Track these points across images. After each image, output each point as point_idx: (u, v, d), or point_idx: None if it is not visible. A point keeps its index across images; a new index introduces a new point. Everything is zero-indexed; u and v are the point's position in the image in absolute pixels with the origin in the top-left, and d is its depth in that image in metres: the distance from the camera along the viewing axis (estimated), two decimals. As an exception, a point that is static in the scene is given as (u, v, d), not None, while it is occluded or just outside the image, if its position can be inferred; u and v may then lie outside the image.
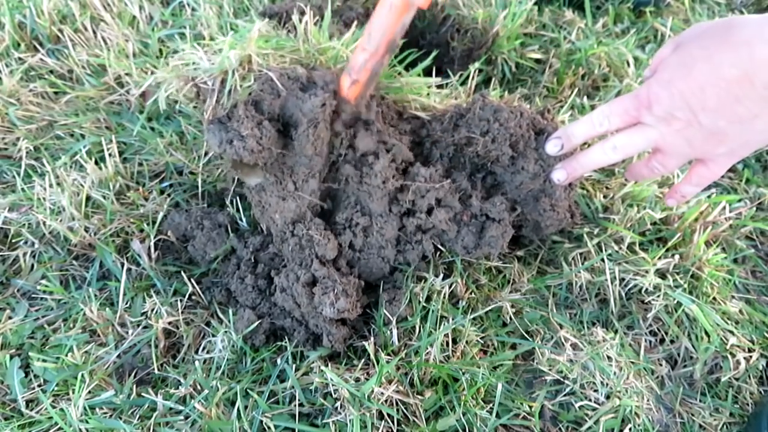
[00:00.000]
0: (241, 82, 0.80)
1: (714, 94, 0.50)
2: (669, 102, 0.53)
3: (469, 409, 0.67)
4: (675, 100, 0.52)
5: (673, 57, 0.53)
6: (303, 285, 0.70)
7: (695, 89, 0.51)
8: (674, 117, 0.54)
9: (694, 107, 0.52)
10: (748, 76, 0.47)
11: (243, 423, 0.65)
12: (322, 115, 0.70)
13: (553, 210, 0.77)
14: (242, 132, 0.67)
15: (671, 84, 0.52)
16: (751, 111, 0.50)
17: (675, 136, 0.55)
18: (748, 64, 0.47)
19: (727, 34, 0.48)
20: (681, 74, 0.51)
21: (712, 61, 0.49)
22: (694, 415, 0.74)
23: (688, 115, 0.52)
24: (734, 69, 0.48)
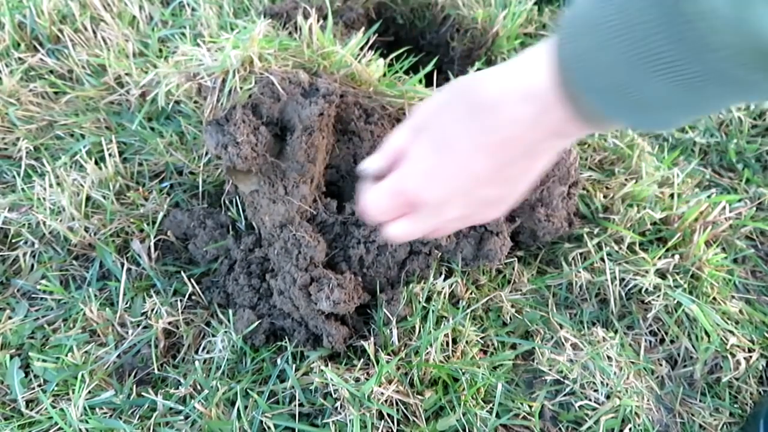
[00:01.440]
0: (242, 84, 0.80)
1: (484, 165, 0.46)
2: (440, 192, 0.48)
3: (469, 409, 0.67)
4: (446, 188, 0.48)
5: (422, 143, 0.48)
6: (300, 288, 0.70)
7: (464, 168, 0.47)
8: (449, 203, 0.50)
9: (468, 186, 0.48)
10: (510, 137, 0.44)
11: (243, 423, 0.65)
12: (318, 124, 0.70)
13: (549, 220, 0.78)
14: (237, 138, 0.67)
15: (435, 172, 0.48)
16: (521, 166, 0.47)
17: (454, 215, 0.51)
18: (508, 125, 0.43)
19: (473, 102, 0.45)
20: (441, 160, 0.47)
21: (470, 132, 0.45)
22: (694, 415, 0.74)
23: (465, 196, 0.49)
24: (495, 134, 0.44)
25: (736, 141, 1.04)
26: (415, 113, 0.51)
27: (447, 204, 0.49)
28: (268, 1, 1.08)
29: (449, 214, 0.50)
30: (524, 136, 0.43)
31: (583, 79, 0.38)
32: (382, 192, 0.48)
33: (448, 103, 0.47)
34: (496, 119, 0.43)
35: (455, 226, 0.57)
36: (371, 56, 0.88)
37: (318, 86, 0.74)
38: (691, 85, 0.34)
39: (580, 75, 0.38)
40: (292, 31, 0.96)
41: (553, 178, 0.78)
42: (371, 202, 0.50)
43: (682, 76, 0.34)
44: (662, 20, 0.32)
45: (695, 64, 0.32)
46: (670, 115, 0.38)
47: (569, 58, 0.38)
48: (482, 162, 0.45)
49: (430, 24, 1.18)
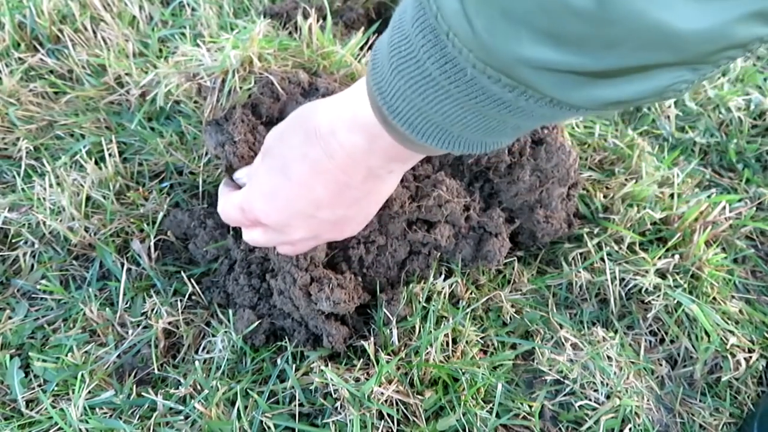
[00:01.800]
0: (242, 84, 0.80)
1: (324, 189, 0.48)
2: (280, 215, 0.51)
3: (469, 409, 0.67)
4: (285, 212, 0.50)
5: (264, 167, 0.51)
6: (300, 288, 0.70)
7: (303, 192, 0.49)
8: (291, 225, 0.52)
9: (309, 209, 0.50)
10: (347, 161, 0.46)
11: (243, 423, 0.65)
12: None
13: (548, 222, 0.78)
14: (235, 137, 0.67)
15: (275, 196, 0.50)
16: (364, 189, 0.49)
17: (300, 235, 0.54)
18: (342, 152, 0.45)
19: (309, 130, 0.47)
20: (279, 184, 0.49)
21: (308, 158, 0.47)
22: (694, 415, 0.74)
23: (307, 219, 0.51)
24: (332, 159, 0.46)
25: (736, 141, 1.04)
26: (267, 137, 0.53)
27: (289, 226, 0.52)
28: (268, 1, 1.08)
29: (294, 235, 0.52)
30: (361, 161, 0.45)
31: (388, 106, 0.38)
32: (231, 204, 0.52)
33: (289, 130, 0.49)
34: (330, 147, 0.45)
35: (308, 245, 0.61)
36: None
37: (318, 86, 0.74)
38: (467, 105, 0.34)
39: (384, 101, 0.38)
40: (292, 31, 0.96)
41: (552, 180, 0.78)
42: (222, 210, 0.54)
43: (456, 99, 0.34)
44: (429, 44, 0.32)
45: (458, 85, 0.33)
46: (477, 137, 0.38)
47: (376, 86, 0.39)
48: (320, 187, 0.47)
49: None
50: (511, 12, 0.27)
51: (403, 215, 0.75)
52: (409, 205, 0.74)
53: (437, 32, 0.31)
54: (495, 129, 0.37)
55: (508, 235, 0.78)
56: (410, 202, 0.75)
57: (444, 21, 0.30)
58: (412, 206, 0.74)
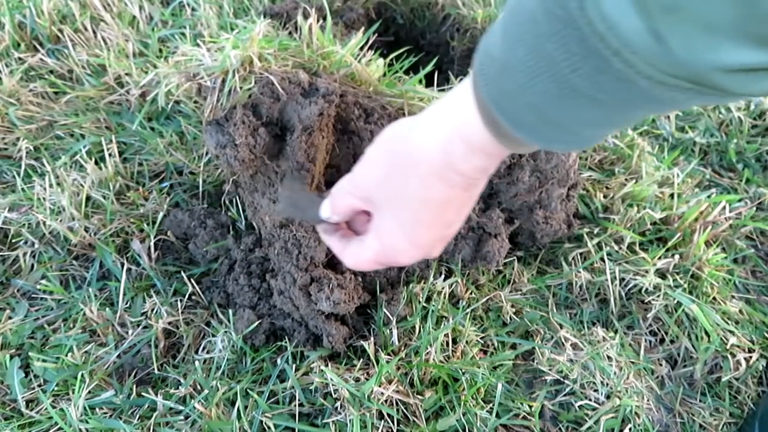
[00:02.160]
0: (242, 84, 0.80)
1: (454, 213, 0.51)
2: (420, 253, 0.53)
3: (469, 409, 0.67)
4: (425, 248, 0.53)
5: (387, 222, 0.52)
6: (300, 288, 0.70)
7: (437, 226, 0.51)
8: (422, 253, 0.55)
9: (442, 234, 0.53)
10: (468, 182, 0.47)
11: (243, 423, 0.65)
12: (318, 124, 0.70)
13: (547, 222, 0.78)
14: (236, 140, 0.67)
15: (415, 243, 0.52)
16: (461, 212, 0.52)
17: (421, 256, 0.56)
18: (463, 178, 0.47)
19: (423, 174, 0.47)
20: (415, 231, 0.51)
21: (434, 200, 0.48)
22: (694, 415, 0.74)
23: (438, 242, 0.54)
24: (454, 189, 0.48)
25: (736, 141, 1.04)
26: (358, 181, 0.53)
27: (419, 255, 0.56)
28: (268, 1, 1.08)
29: (418, 257, 0.56)
30: (480, 178, 0.48)
31: (511, 119, 0.39)
32: (366, 261, 0.55)
33: (394, 176, 0.49)
34: (451, 180, 0.47)
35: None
36: (371, 56, 0.88)
37: (318, 86, 0.74)
38: (615, 108, 0.36)
39: (507, 115, 0.39)
40: (292, 31, 0.96)
41: (552, 181, 0.78)
42: (355, 266, 0.58)
43: (606, 105, 0.35)
44: (579, 57, 0.33)
45: (618, 92, 0.34)
46: (597, 132, 0.40)
47: (494, 100, 0.39)
48: (451, 213, 0.51)
49: (430, 24, 1.18)
50: (715, 24, 0.28)
51: None
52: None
53: (592, 45, 0.32)
54: (622, 124, 0.39)
55: (507, 235, 0.78)
56: None
57: (617, 39, 0.31)
58: None
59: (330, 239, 0.60)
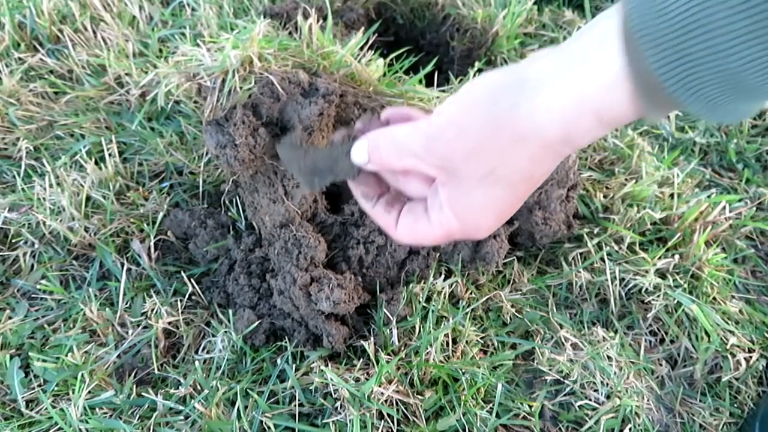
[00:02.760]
0: (242, 84, 0.80)
1: (527, 190, 0.46)
2: (491, 230, 0.49)
3: (469, 409, 0.67)
4: (503, 220, 0.49)
5: (474, 191, 0.45)
6: (300, 288, 0.70)
7: (519, 201, 0.47)
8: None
9: (508, 217, 0.48)
10: (554, 165, 0.44)
11: (243, 423, 0.65)
12: (318, 124, 0.70)
13: (546, 223, 0.78)
14: (236, 140, 0.67)
15: (499, 216, 0.47)
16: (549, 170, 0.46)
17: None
18: (573, 149, 0.42)
19: (535, 150, 0.41)
20: (506, 203, 0.45)
21: (537, 176, 0.44)
22: (694, 415, 0.74)
23: (500, 224, 0.49)
24: (558, 160, 0.44)
25: (736, 141, 1.04)
26: (435, 148, 0.44)
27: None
28: (268, 1, 1.08)
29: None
30: (575, 150, 0.45)
31: (688, 89, 0.34)
32: (433, 238, 0.51)
33: (485, 145, 0.41)
34: (562, 153, 0.41)
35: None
36: (371, 56, 0.88)
37: (318, 86, 0.74)
38: None
39: (685, 85, 0.33)
40: (292, 31, 0.96)
41: (552, 182, 0.78)
42: (415, 243, 0.55)
43: None
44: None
45: None
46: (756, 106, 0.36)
47: (666, 66, 0.33)
48: (526, 189, 0.46)
49: (430, 24, 1.18)
50: None
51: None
52: None
53: None
54: None
55: (506, 236, 0.78)
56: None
57: None
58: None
59: (375, 211, 0.53)
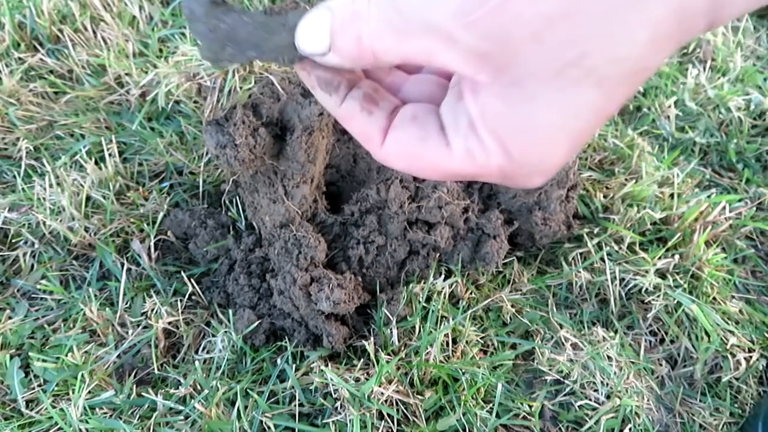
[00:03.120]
0: (242, 84, 0.80)
1: (624, 96, 0.29)
2: (551, 173, 0.34)
3: (469, 409, 0.67)
4: (557, 168, 0.33)
5: (532, 103, 0.28)
6: (300, 288, 0.70)
7: (590, 137, 0.35)
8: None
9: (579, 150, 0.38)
10: (672, 36, 0.28)
11: (243, 423, 0.65)
12: (318, 124, 0.70)
13: (546, 224, 0.78)
14: (236, 140, 0.67)
15: (560, 161, 0.31)
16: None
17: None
18: (675, 42, 0.28)
19: (624, 9, 0.25)
20: (578, 132, 0.30)
21: (637, 80, 0.29)
22: (694, 414, 0.74)
23: (562, 164, 0.36)
24: (663, 52, 0.29)
25: (736, 141, 1.04)
26: (479, 20, 0.26)
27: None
28: (268, 1, 1.08)
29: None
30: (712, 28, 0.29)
31: None
32: (456, 174, 0.32)
33: (574, 9, 0.25)
34: (683, 22, 0.26)
35: None
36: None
37: (318, 86, 0.73)
38: None
39: None
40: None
41: (551, 182, 0.78)
42: (433, 177, 0.34)
43: None
44: None
45: None
46: None
47: None
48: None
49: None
50: None
51: (403, 215, 0.75)
52: (409, 205, 0.74)
53: None
54: None
55: (506, 236, 0.78)
56: (410, 203, 0.75)
57: None
58: (412, 206, 0.74)
59: (344, 110, 0.33)
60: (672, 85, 1.11)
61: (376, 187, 0.75)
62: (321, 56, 0.31)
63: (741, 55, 1.17)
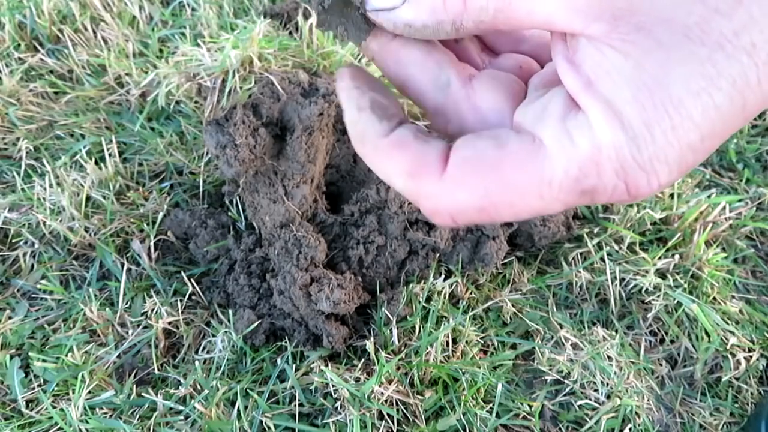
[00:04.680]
0: (242, 84, 0.80)
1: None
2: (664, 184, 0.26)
3: (469, 409, 0.67)
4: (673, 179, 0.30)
5: (666, 71, 0.22)
6: (300, 288, 0.70)
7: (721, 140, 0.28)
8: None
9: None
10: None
11: (243, 423, 0.65)
12: (318, 124, 0.70)
13: (545, 225, 0.78)
14: (236, 140, 0.67)
15: (690, 164, 0.25)
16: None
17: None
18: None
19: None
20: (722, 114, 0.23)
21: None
22: (694, 414, 0.74)
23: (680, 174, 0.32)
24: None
25: (736, 141, 1.04)
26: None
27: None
28: (268, 1, 1.08)
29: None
30: None
31: None
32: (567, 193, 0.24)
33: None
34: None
35: None
36: (371, 56, 0.88)
37: (318, 86, 0.74)
38: None
39: None
40: (292, 31, 0.96)
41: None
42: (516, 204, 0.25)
43: None
44: None
45: None
46: None
47: None
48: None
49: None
50: None
51: (403, 215, 0.75)
52: (409, 205, 0.74)
53: None
54: None
55: (505, 237, 0.78)
56: (409, 203, 0.75)
57: None
58: (412, 207, 0.74)
59: (409, 149, 0.25)
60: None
61: (376, 187, 0.75)
62: (391, 11, 0.24)
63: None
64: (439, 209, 0.25)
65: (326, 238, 0.76)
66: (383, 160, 0.25)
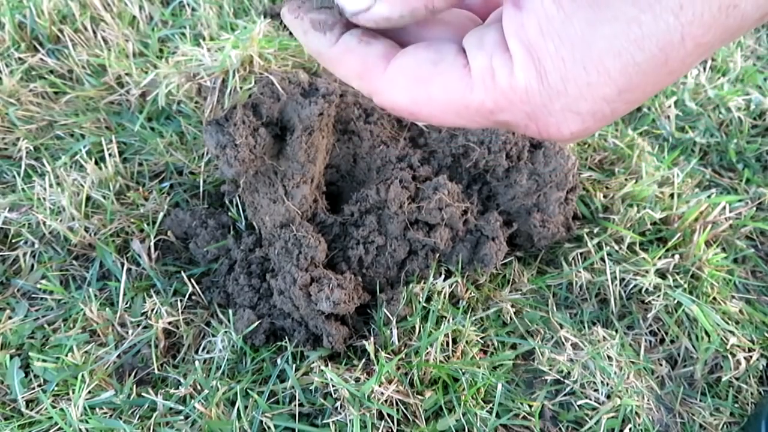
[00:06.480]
0: (242, 84, 0.80)
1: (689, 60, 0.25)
2: (587, 125, 0.22)
3: (469, 409, 0.67)
4: (597, 122, 0.28)
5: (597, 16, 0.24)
6: (300, 288, 0.70)
7: (649, 88, 0.24)
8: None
9: (633, 101, 0.29)
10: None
11: (243, 423, 0.65)
12: (318, 124, 0.70)
13: (544, 226, 0.78)
14: (236, 140, 0.67)
15: (608, 106, 0.27)
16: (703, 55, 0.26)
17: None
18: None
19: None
20: (633, 66, 0.25)
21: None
22: (694, 414, 0.74)
23: (605, 119, 0.31)
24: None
25: (736, 141, 1.04)
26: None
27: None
28: (268, 1, 1.08)
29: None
30: None
31: None
32: (467, 103, 0.27)
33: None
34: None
35: None
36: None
37: (318, 86, 0.74)
38: None
39: None
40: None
41: (550, 184, 0.78)
42: (429, 103, 0.29)
43: None
44: None
45: None
46: None
47: None
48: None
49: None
50: None
51: (402, 215, 0.75)
52: (408, 205, 0.74)
53: None
54: None
55: (505, 238, 0.78)
56: (409, 203, 0.75)
57: None
58: (412, 207, 0.74)
59: (339, 48, 0.28)
60: (672, 85, 1.11)
61: (376, 188, 0.75)
62: (368, 11, 0.26)
63: (741, 55, 1.17)
64: (384, 103, 0.28)
65: (326, 238, 0.76)
66: (336, 66, 0.29)
